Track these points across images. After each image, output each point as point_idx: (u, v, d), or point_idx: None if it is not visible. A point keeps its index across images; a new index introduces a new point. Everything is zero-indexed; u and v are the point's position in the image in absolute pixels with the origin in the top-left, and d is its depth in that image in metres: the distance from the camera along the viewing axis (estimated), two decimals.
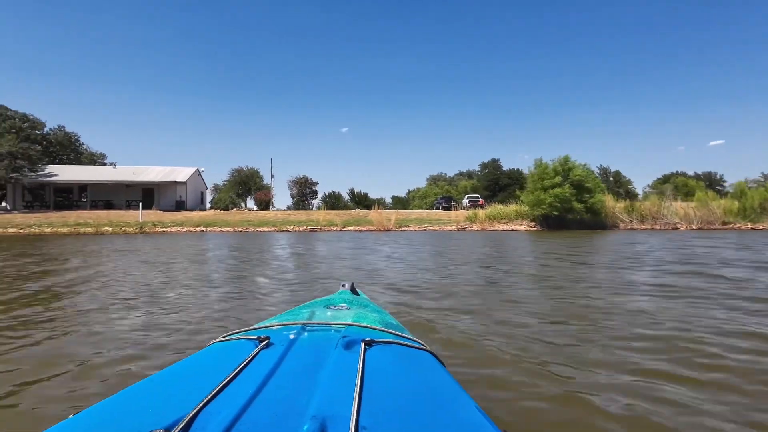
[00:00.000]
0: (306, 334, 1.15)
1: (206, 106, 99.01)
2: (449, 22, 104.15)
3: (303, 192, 58.95)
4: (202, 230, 25.83)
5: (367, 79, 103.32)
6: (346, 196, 69.55)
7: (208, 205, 47.21)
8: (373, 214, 26.59)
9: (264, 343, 1.04)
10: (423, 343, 1.28)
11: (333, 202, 65.41)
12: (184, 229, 25.93)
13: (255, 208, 50.08)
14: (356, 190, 68.22)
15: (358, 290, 2.27)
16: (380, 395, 0.80)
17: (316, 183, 60.35)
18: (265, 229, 26.00)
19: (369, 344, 1.06)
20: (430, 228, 26.46)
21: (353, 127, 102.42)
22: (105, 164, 43.58)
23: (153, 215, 30.04)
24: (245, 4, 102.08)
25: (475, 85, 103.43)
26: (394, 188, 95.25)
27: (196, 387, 0.81)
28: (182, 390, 0.83)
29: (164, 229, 25.88)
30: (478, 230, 25.54)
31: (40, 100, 77.79)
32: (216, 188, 68.04)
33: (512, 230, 25.10)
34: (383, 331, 1.23)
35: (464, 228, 26.18)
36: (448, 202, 45.96)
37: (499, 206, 28.75)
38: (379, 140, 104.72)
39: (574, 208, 24.23)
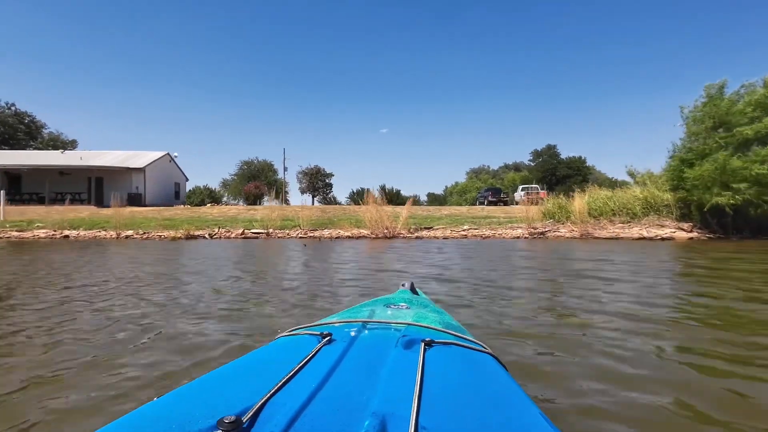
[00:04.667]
0: (366, 331, 1.10)
1: (241, 105, 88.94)
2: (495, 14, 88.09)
3: (314, 185, 47.49)
4: (66, 235, 14.19)
5: (408, 79, 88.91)
6: (376, 193, 57.66)
7: (184, 200, 36.10)
8: (366, 210, 13.69)
9: (326, 339, 1.01)
10: (485, 345, 1.15)
11: (360, 199, 53.99)
12: (43, 233, 14.41)
13: (243, 203, 38.46)
14: (387, 186, 56.09)
15: (417, 290, 1.99)
16: (440, 396, 0.76)
17: (330, 175, 48.75)
18: (167, 233, 13.80)
19: (429, 344, 1.00)
20: (475, 233, 13.32)
21: (393, 127, 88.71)
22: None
23: (58, 212, 18.66)
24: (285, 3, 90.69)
25: (520, 74, 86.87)
26: (433, 186, 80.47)
27: (264, 378, 0.80)
28: (251, 380, 0.83)
29: (20, 233, 14.54)
30: (574, 238, 12.13)
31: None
32: (225, 183, 57.98)
33: (658, 239, 11.46)
34: (443, 331, 1.13)
35: (542, 233, 12.80)
36: (497, 195, 32.11)
37: (604, 192, 15.02)
38: (417, 138, 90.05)
39: None
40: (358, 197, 55.69)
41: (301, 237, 13.15)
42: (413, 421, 0.63)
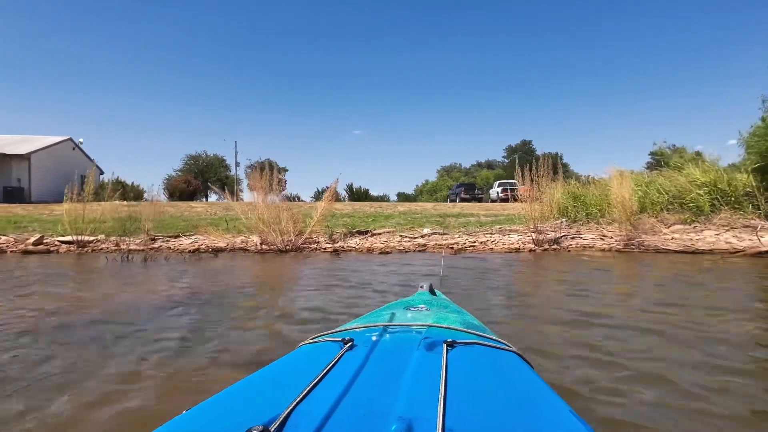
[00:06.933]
0: (388, 335, 1.06)
1: (216, 107, 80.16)
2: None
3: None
4: None
5: (378, 80, 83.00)
6: (342, 192, 51.51)
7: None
8: (252, 207, 7.78)
9: (348, 345, 0.98)
10: (508, 343, 1.10)
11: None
12: None
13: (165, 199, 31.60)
14: (356, 185, 50.01)
15: (436, 291, 1.90)
16: (465, 396, 0.74)
17: (285, 170, 42.07)
18: None
19: (451, 345, 0.96)
20: (441, 242, 7.70)
21: (367, 128, 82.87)
22: None
23: None
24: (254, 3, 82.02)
25: (492, 72, 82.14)
26: (406, 186, 74.47)
27: (289, 387, 0.78)
28: (276, 390, 0.82)
29: None
30: (617, 250, 6.74)
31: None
32: (169, 179, 50.40)
33: None
34: (465, 331, 1.08)
35: (556, 240, 7.34)
36: (471, 191, 26.54)
37: (637, 176, 9.70)
38: (390, 138, 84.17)
39: None
40: (321, 195, 49.11)
41: (132, 249, 7.16)
42: (440, 424, 0.62)
